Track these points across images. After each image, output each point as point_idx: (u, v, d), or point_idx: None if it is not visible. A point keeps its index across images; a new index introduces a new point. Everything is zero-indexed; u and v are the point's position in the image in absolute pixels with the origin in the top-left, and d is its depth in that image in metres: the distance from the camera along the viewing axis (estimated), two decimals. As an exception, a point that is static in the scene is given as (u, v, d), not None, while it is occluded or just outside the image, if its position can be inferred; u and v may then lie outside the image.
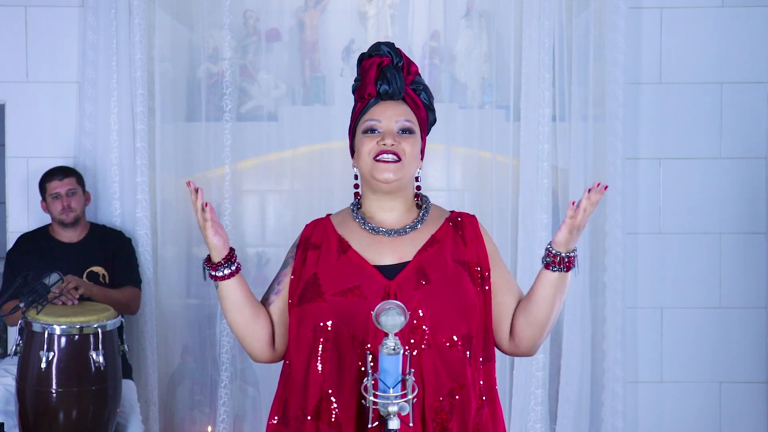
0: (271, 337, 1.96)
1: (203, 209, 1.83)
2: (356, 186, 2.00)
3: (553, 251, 1.85)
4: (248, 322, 1.93)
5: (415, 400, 1.74)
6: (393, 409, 1.60)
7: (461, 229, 1.96)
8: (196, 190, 1.81)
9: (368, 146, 1.91)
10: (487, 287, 1.92)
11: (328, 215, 2.03)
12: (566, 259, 1.85)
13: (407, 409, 1.61)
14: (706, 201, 4.02)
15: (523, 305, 1.93)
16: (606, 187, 1.84)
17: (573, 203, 1.83)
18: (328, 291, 1.87)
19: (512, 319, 1.95)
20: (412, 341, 1.82)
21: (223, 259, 1.89)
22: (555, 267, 1.86)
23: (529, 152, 3.86)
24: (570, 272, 1.87)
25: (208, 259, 1.90)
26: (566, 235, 1.83)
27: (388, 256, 1.91)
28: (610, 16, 3.86)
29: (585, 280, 3.88)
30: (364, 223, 1.95)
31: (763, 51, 4.00)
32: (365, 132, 1.93)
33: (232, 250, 1.91)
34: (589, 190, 1.82)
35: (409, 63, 1.98)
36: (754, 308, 4.02)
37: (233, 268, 1.90)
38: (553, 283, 1.87)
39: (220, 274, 1.89)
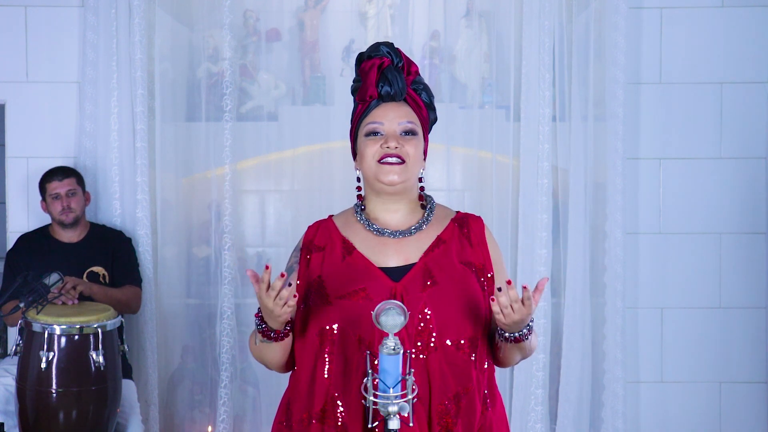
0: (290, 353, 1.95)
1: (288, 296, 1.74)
2: (359, 188, 1.98)
3: (505, 334, 1.81)
4: (284, 356, 1.91)
5: (415, 400, 1.73)
6: (393, 409, 1.60)
7: (467, 231, 1.94)
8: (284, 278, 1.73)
9: (372, 149, 1.89)
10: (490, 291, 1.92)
11: (331, 216, 2.01)
12: (513, 338, 1.81)
13: (407, 409, 1.61)
14: (706, 201, 4.02)
15: (492, 342, 1.91)
16: (525, 287, 1.70)
17: (492, 300, 1.73)
18: (334, 293, 1.85)
19: None
20: (419, 344, 1.81)
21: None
22: (504, 341, 1.83)
23: (529, 152, 3.86)
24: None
25: (264, 321, 1.81)
26: (507, 325, 1.77)
27: (393, 257, 1.89)
28: (610, 16, 3.86)
29: (585, 280, 3.88)
30: (368, 225, 1.93)
31: (763, 51, 4.00)
32: (368, 135, 1.91)
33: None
34: (500, 289, 1.73)
35: (409, 63, 1.96)
36: (754, 308, 4.02)
37: (288, 327, 1.85)
38: (509, 348, 1.85)
39: (282, 337, 1.84)
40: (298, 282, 1.92)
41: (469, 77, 3.99)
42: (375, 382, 1.63)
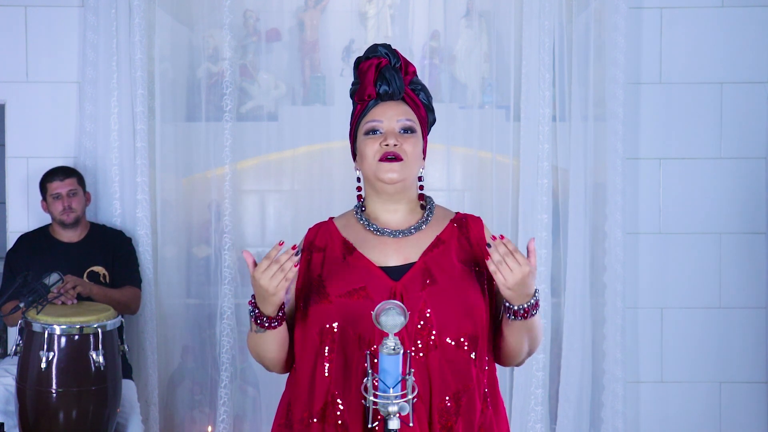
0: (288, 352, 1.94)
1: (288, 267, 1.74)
2: (359, 189, 1.99)
3: (507, 304, 1.79)
4: (280, 351, 1.90)
5: (415, 400, 1.73)
6: (393, 409, 1.60)
7: (467, 231, 1.95)
8: (297, 254, 1.74)
9: (372, 148, 1.90)
10: (490, 290, 1.92)
11: (331, 218, 2.02)
12: (521, 311, 1.79)
13: (407, 409, 1.61)
14: (706, 201, 4.02)
15: (497, 335, 1.90)
16: (502, 237, 1.74)
17: (487, 259, 1.75)
18: (334, 292, 1.85)
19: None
20: (420, 344, 1.81)
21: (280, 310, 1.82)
22: (512, 317, 1.80)
23: (529, 152, 3.86)
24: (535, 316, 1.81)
25: (257, 307, 1.81)
26: (506, 291, 1.76)
27: (393, 257, 1.90)
28: (610, 16, 3.86)
29: (585, 280, 3.88)
30: (368, 225, 1.94)
31: (763, 51, 4.00)
32: (367, 133, 1.92)
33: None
34: (488, 245, 1.74)
35: (407, 63, 1.98)
36: (754, 308, 4.02)
37: (282, 313, 1.83)
38: (517, 328, 1.83)
39: (275, 324, 1.82)
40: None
41: (469, 77, 3.99)
42: (375, 382, 1.63)
